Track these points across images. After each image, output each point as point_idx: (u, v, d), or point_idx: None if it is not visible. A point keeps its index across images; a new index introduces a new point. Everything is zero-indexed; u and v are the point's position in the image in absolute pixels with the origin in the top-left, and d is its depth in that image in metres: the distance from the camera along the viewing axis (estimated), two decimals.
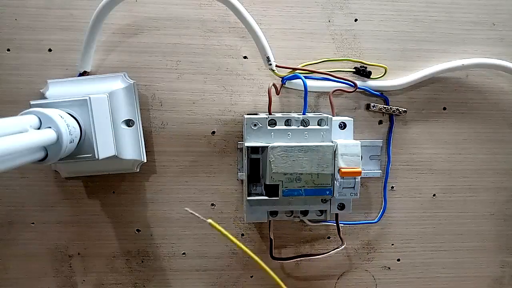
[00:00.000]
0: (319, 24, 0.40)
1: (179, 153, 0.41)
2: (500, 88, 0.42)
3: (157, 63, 0.39)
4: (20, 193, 0.40)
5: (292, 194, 0.36)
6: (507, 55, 0.42)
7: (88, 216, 0.41)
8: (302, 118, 0.37)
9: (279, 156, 0.35)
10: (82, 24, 0.38)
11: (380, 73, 0.41)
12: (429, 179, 0.43)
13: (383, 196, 0.43)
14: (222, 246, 0.43)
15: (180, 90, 0.40)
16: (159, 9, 0.39)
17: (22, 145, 0.26)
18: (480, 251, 0.45)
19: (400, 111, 0.41)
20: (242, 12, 0.36)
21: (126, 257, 0.42)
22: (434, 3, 0.41)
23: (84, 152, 0.33)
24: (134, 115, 0.38)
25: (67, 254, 0.41)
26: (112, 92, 0.36)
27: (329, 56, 0.41)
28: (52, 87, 0.37)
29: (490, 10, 0.41)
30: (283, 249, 0.43)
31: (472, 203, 0.44)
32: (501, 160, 0.43)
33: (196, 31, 0.39)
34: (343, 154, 0.35)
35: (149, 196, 0.41)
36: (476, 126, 0.43)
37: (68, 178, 0.40)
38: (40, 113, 0.29)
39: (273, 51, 0.38)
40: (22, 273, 0.41)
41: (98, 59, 0.39)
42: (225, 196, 0.42)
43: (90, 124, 0.32)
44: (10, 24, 0.38)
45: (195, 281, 0.43)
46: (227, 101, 0.40)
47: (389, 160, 0.42)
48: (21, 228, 0.41)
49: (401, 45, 0.41)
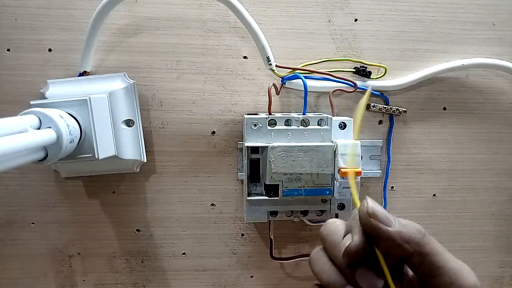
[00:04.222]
0: (319, 24, 0.40)
1: (179, 153, 0.41)
2: (500, 88, 0.42)
3: (157, 63, 0.39)
4: (20, 193, 0.40)
5: (292, 194, 0.36)
6: (507, 55, 0.42)
7: (88, 216, 0.41)
8: (302, 118, 0.37)
9: (279, 156, 0.35)
10: (82, 24, 0.38)
11: (380, 73, 0.41)
12: (429, 179, 0.43)
13: (383, 196, 0.43)
14: (222, 246, 0.43)
15: (180, 90, 0.40)
16: (159, 9, 0.39)
17: (22, 145, 0.26)
18: (480, 251, 0.45)
19: (400, 111, 0.41)
20: (242, 12, 0.36)
21: (126, 257, 0.42)
22: (434, 3, 0.41)
23: (84, 152, 0.33)
24: (134, 115, 0.38)
25: (67, 254, 0.41)
26: (112, 92, 0.36)
27: (329, 56, 0.41)
28: (52, 87, 0.37)
29: (490, 10, 0.41)
30: (283, 249, 0.43)
31: (472, 203, 0.44)
32: (501, 160, 0.43)
33: (196, 31, 0.39)
34: (343, 154, 0.35)
35: (149, 196, 0.41)
36: (476, 126, 0.43)
37: (68, 178, 0.40)
38: (40, 113, 0.29)
39: (273, 51, 0.38)
40: (22, 273, 0.41)
41: (98, 59, 0.39)
42: (225, 196, 0.42)
43: (90, 124, 0.32)
44: (10, 24, 0.38)
45: (195, 281, 0.43)
46: (227, 101, 0.40)
47: (389, 160, 0.42)
48: (21, 228, 0.41)
49: (401, 45, 0.41)
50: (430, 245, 0.20)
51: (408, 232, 0.20)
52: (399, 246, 0.20)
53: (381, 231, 0.20)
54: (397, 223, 0.20)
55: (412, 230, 0.20)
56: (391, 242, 0.20)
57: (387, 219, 0.20)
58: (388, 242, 0.20)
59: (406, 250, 0.20)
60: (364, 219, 0.20)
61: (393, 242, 0.20)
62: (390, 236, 0.20)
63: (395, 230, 0.20)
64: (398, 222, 0.21)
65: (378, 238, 0.20)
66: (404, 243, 0.20)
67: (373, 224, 0.20)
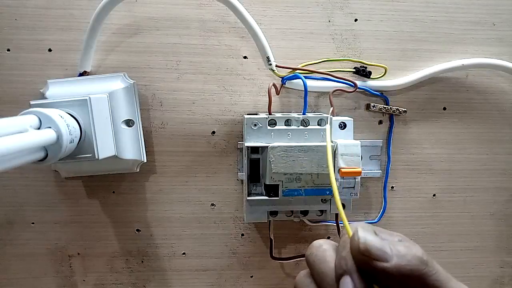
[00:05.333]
0: (319, 24, 0.40)
1: (179, 153, 0.41)
2: (500, 88, 0.42)
3: (157, 63, 0.39)
4: (20, 193, 0.40)
5: (292, 194, 0.36)
6: (507, 55, 0.42)
7: (88, 216, 0.41)
8: (302, 118, 0.37)
9: (279, 156, 0.35)
10: (82, 24, 0.38)
11: (380, 73, 0.41)
12: (429, 179, 0.43)
13: (383, 196, 0.43)
14: (222, 246, 0.43)
15: (180, 90, 0.40)
16: (159, 9, 0.39)
17: (22, 145, 0.26)
18: (480, 251, 0.45)
19: (400, 111, 0.41)
20: (242, 12, 0.36)
21: (126, 257, 0.42)
22: (434, 3, 0.41)
23: (84, 152, 0.33)
24: (134, 115, 0.38)
25: (67, 254, 0.41)
26: (112, 92, 0.36)
27: (329, 56, 0.41)
28: (52, 87, 0.37)
29: (490, 10, 0.41)
30: (283, 249, 0.43)
31: (472, 203, 0.44)
32: (501, 160, 0.43)
33: (196, 31, 0.39)
34: (343, 154, 0.35)
35: (149, 196, 0.41)
36: (476, 126, 0.43)
37: (68, 178, 0.40)
38: (40, 113, 0.29)
39: (273, 51, 0.38)
40: (22, 273, 0.41)
41: (98, 59, 0.39)
42: (225, 196, 0.42)
43: (90, 124, 0.32)
44: (10, 24, 0.38)
45: (195, 281, 0.43)
46: (227, 101, 0.40)
47: (389, 160, 0.42)
48: (21, 228, 0.41)
49: (401, 45, 0.41)
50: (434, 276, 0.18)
51: (409, 265, 0.18)
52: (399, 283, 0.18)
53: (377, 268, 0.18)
54: (395, 256, 0.18)
55: (413, 261, 0.18)
56: (390, 279, 0.18)
57: (383, 254, 0.18)
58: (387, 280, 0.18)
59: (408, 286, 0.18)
60: (357, 256, 0.19)
61: (392, 279, 0.18)
62: (388, 273, 0.18)
63: (393, 266, 0.18)
64: (396, 253, 0.18)
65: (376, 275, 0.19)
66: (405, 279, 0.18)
67: (367, 262, 0.18)
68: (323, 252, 0.21)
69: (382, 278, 0.18)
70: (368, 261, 0.18)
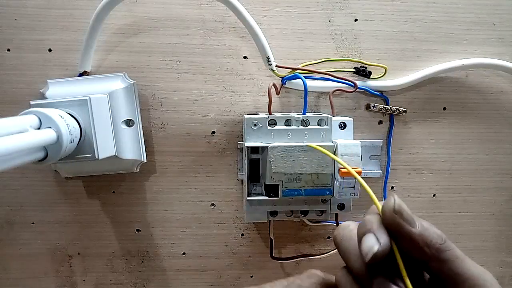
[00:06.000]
0: (319, 24, 0.40)
1: (179, 153, 0.41)
2: (500, 88, 0.42)
3: (157, 63, 0.39)
4: (20, 193, 0.40)
5: (292, 194, 0.36)
6: (507, 55, 0.42)
7: (88, 216, 0.41)
8: (302, 118, 0.37)
9: (279, 156, 0.35)
10: (82, 24, 0.38)
11: (380, 73, 0.41)
12: (429, 179, 0.43)
13: (383, 196, 0.43)
14: (222, 246, 0.43)
15: (180, 90, 0.40)
16: (159, 9, 0.39)
17: (22, 145, 0.26)
18: (480, 251, 0.45)
19: (400, 111, 0.41)
20: (242, 12, 0.36)
21: (126, 257, 0.42)
22: (434, 3, 0.41)
23: (84, 152, 0.33)
24: (134, 115, 0.38)
25: (67, 254, 0.41)
26: (112, 92, 0.36)
27: (329, 56, 0.41)
28: (52, 87, 0.37)
29: (490, 10, 0.41)
30: (283, 249, 0.43)
31: (472, 203, 0.44)
32: (501, 160, 0.43)
33: (196, 31, 0.39)
34: (343, 154, 0.35)
35: (149, 196, 0.41)
36: (476, 126, 0.43)
37: (68, 178, 0.40)
38: (40, 113, 0.29)
39: (273, 51, 0.38)
40: (22, 273, 0.41)
41: (98, 59, 0.39)
42: (225, 196, 0.42)
43: (90, 124, 0.32)
44: (10, 24, 0.38)
45: (195, 281, 0.43)
46: (227, 101, 0.40)
47: (389, 160, 0.42)
48: (21, 228, 0.41)
49: (401, 45, 0.41)
50: (450, 251, 0.20)
51: (430, 236, 0.20)
52: (420, 249, 0.19)
53: (403, 231, 0.19)
54: (420, 225, 0.20)
55: (434, 234, 0.20)
56: (412, 244, 0.19)
57: (412, 219, 0.20)
58: (410, 243, 0.19)
59: (426, 254, 0.20)
60: (389, 215, 0.20)
61: (414, 244, 0.19)
62: (412, 237, 0.19)
63: (418, 232, 0.19)
64: (420, 224, 0.20)
65: (399, 238, 0.20)
66: (425, 247, 0.19)
67: (397, 222, 0.19)
68: (349, 232, 0.22)
69: (405, 241, 0.20)
70: (397, 222, 0.20)
